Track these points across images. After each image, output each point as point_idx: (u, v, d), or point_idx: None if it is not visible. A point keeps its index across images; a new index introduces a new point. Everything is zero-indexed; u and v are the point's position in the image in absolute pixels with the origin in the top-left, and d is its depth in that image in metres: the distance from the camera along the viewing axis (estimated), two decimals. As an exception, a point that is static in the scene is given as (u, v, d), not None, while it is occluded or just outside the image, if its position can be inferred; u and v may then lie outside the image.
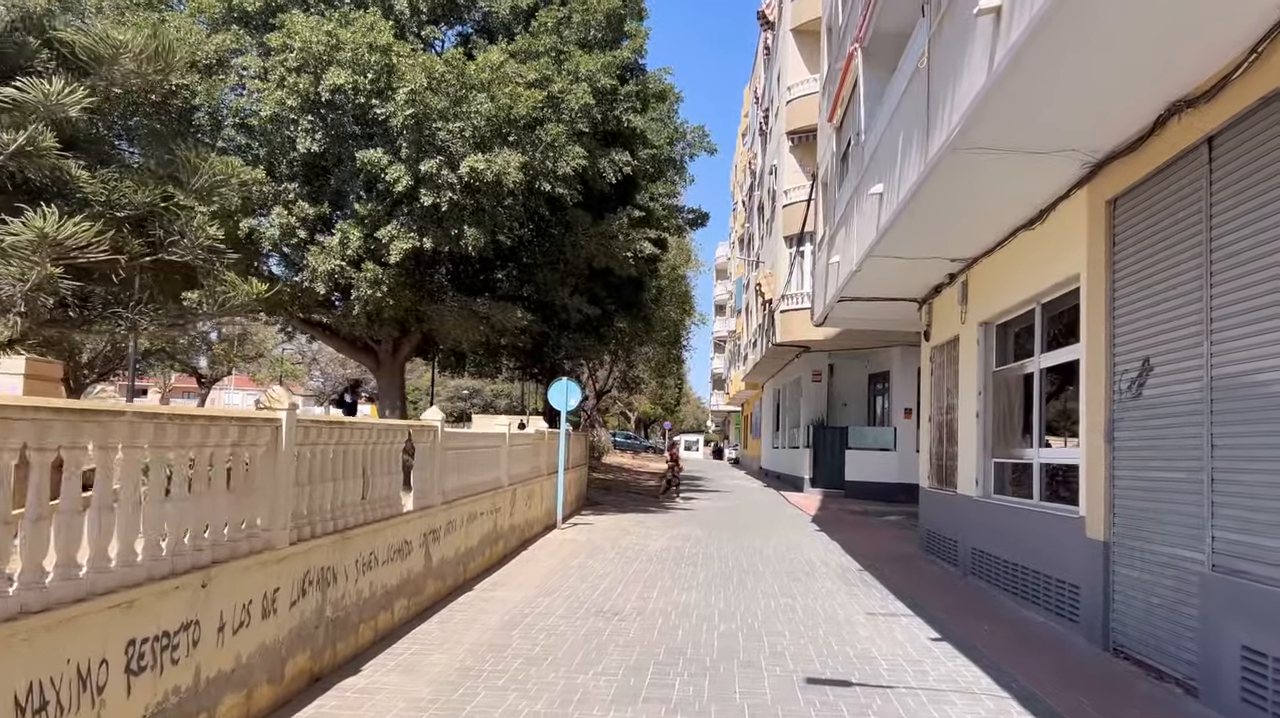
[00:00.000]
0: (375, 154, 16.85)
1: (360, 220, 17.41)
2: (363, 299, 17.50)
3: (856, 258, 13.95)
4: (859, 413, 34.30)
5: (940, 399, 16.02)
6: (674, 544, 16.33)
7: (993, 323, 13.49)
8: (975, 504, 13.40)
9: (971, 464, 13.71)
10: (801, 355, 33.74)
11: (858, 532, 20.06)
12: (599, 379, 48.38)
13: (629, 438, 74.91)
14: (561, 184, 18.25)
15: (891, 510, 26.36)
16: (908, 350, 29.37)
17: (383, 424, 8.41)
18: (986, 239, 12.57)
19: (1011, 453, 12.68)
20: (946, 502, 15.08)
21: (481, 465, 12.57)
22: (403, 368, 22.49)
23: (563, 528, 18.21)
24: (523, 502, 15.44)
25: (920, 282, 15.77)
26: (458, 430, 11.43)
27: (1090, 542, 9.19)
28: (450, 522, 10.70)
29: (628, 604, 10.43)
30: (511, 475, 14.59)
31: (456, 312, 18.68)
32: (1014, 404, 12.67)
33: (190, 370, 46.81)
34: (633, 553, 14.95)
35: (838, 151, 17.76)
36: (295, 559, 6.44)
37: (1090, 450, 9.32)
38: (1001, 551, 12.13)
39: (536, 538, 16.43)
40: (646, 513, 22.82)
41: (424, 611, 9.56)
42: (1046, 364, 11.33)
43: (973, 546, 13.49)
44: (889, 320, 20.24)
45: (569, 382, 18.75)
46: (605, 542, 16.35)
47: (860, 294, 17.20)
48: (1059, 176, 9.67)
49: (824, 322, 19.84)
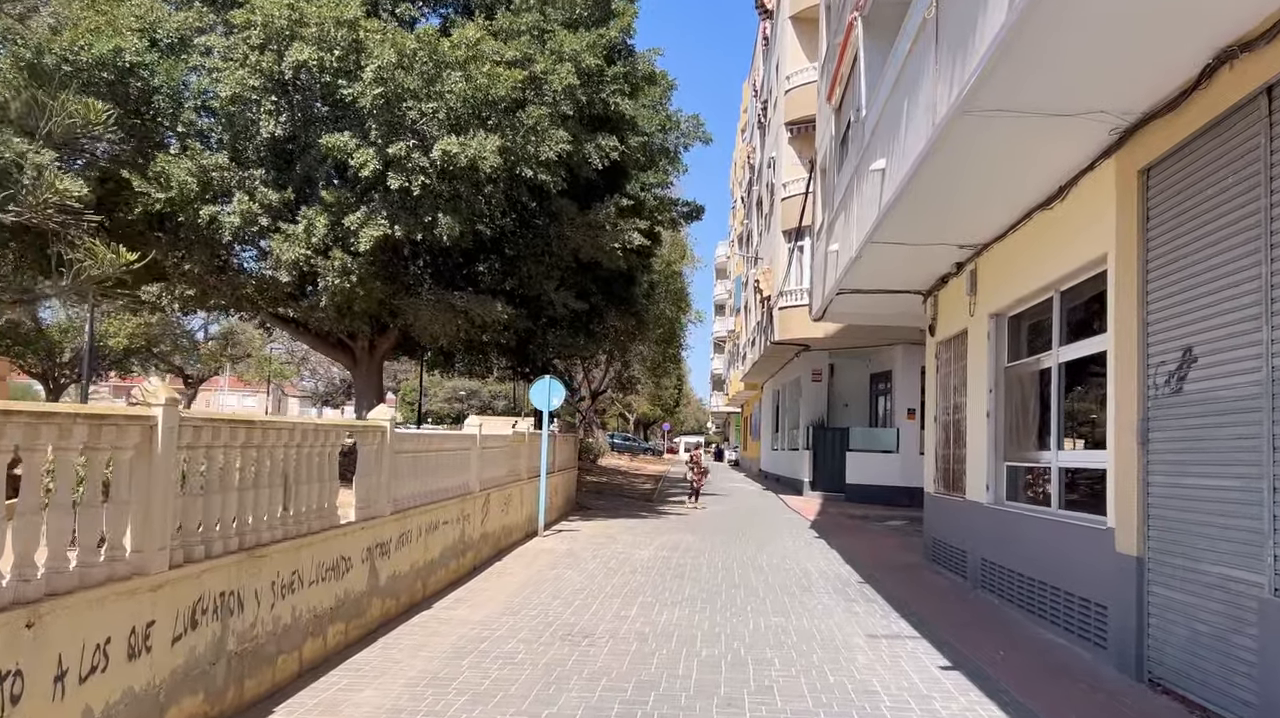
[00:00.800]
0: (342, 138, 15.78)
1: (327, 207, 16.34)
2: (330, 290, 16.43)
3: (857, 244, 12.88)
4: (860, 414, 33.22)
5: (947, 398, 14.94)
6: (662, 554, 15.25)
7: (1004, 314, 12.41)
8: (985, 512, 12.33)
9: (981, 468, 12.63)
10: (801, 354, 32.67)
11: (858, 539, 18.98)
12: (594, 380, 47.27)
13: (627, 439, 73.81)
14: (544, 170, 17.20)
15: (894, 515, 25.28)
16: (910, 349, 28.30)
17: (311, 424, 7.34)
18: (998, 222, 11.49)
19: (1026, 456, 11.60)
20: (954, 508, 14.00)
21: (446, 470, 11.49)
22: (381, 366, 21.42)
23: (544, 535, 17.13)
24: (498, 508, 14.36)
25: (925, 271, 14.69)
26: (414, 432, 10.35)
27: (1120, 557, 8.10)
28: (404, 533, 9.61)
29: (600, 625, 9.35)
30: (484, 480, 13.51)
31: (433, 305, 17.60)
32: (1029, 403, 11.58)
33: (176, 370, 45.70)
34: (616, 563, 13.87)
35: (837, 134, 16.69)
36: (180, 585, 5.36)
37: (1120, 454, 8.23)
38: (1015, 563, 11.05)
39: (514, 547, 15.36)
40: (637, 518, 21.74)
41: (367, 634, 8.48)
42: (1067, 358, 10.25)
43: (983, 556, 12.41)
44: (891, 315, 19.17)
45: (552, 380, 17.68)
46: (588, 551, 15.27)
47: (861, 286, 16.11)
48: (1083, 145, 8.59)
49: (823, 316, 18.76)
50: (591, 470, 40.18)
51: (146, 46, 16.55)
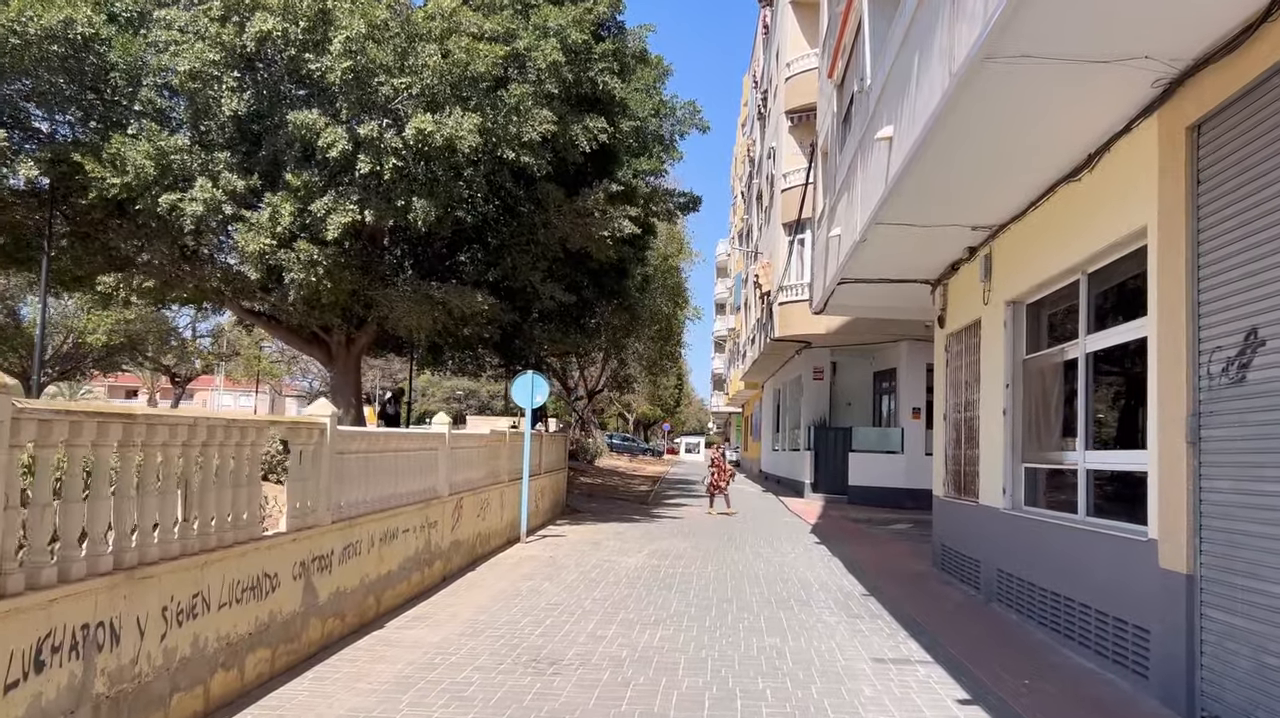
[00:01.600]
0: (309, 115, 14.70)
1: (293, 193, 15.26)
2: (297, 283, 15.35)
3: (861, 225, 11.79)
4: (863, 413, 32.18)
5: (957, 394, 13.85)
6: (650, 562, 14.17)
7: (1022, 302, 11.32)
8: (1001, 518, 11.24)
9: (997, 470, 11.54)
10: (802, 352, 31.59)
11: (862, 545, 17.89)
12: (590, 378, 46.19)
13: (626, 440, 72.70)
14: (527, 152, 16.12)
15: (899, 518, 24.21)
16: (916, 345, 27.25)
17: (221, 420, 6.26)
18: (1016, 199, 10.40)
19: (1047, 457, 10.51)
20: (966, 514, 12.91)
21: (407, 472, 10.41)
22: (359, 362, 20.35)
23: (526, 542, 16.04)
24: (472, 514, 13.28)
25: (934, 257, 13.61)
26: (363, 430, 9.26)
27: (1166, 574, 7.01)
28: (351, 544, 8.54)
29: (571, 649, 8.26)
30: (455, 484, 12.43)
31: (409, 297, 16.51)
32: (1051, 398, 10.49)
33: (164, 369, 44.64)
34: (600, 573, 12.79)
35: (839, 112, 15.62)
36: (16, 619, 4.28)
37: (1165, 454, 7.14)
38: (1037, 576, 9.96)
39: (493, 554, 14.28)
40: (629, 523, 20.65)
41: (302, 661, 7.40)
42: (1096, 348, 9.16)
43: (999, 567, 11.32)
44: (896, 308, 18.09)
45: (535, 375, 16.59)
46: (571, 559, 14.19)
47: (864, 275, 15.03)
48: (1119, 102, 7.51)
49: (824, 308, 17.67)
50: (587, 472, 39.11)
51: (103, 20, 15.49)
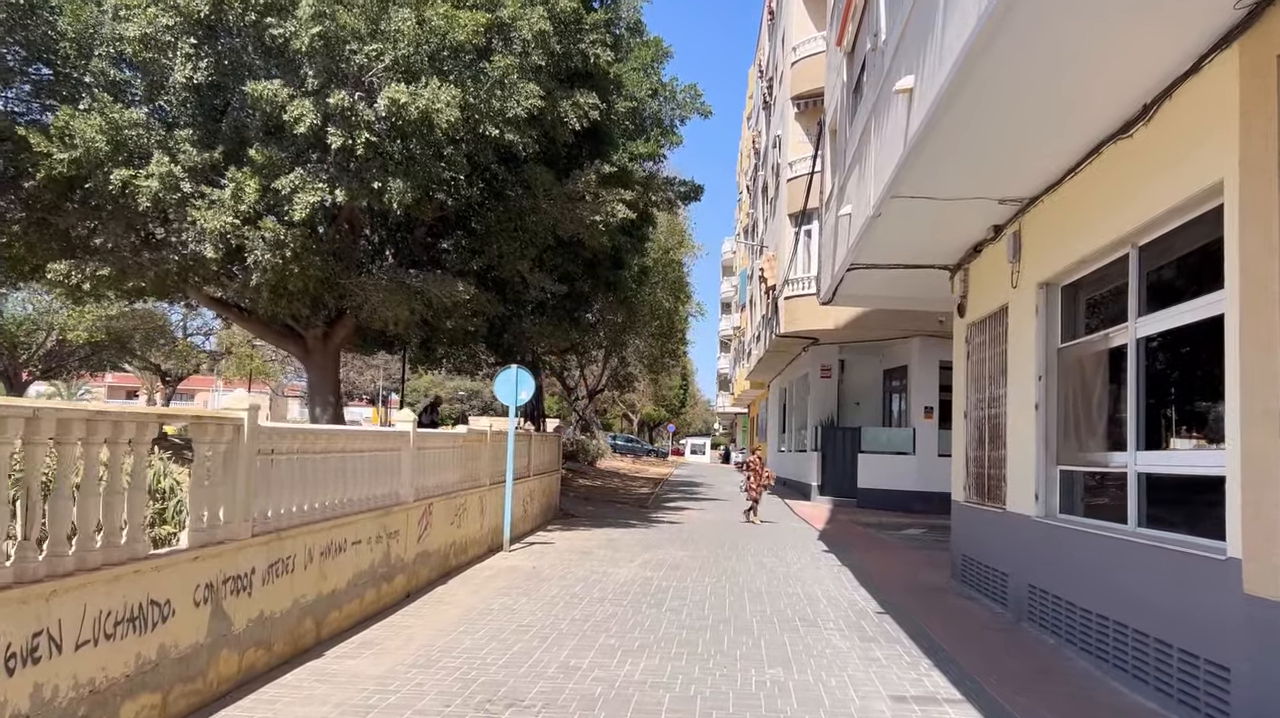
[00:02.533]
0: (271, 86, 13.47)
1: (258, 169, 14.04)
2: (261, 266, 14.11)
3: (875, 198, 10.53)
4: (873, 413, 30.87)
5: (980, 389, 12.58)
6: (643, 573, 12.91)
7: (1056, 283, 10.06)
8: (1034, 527, 9.97)
9: (1028, 473, 10.28)
10: (809, 349, 30.31)
11: (874, 552, 16.62)
12: (590, 377, 44.93)
13: (630, 441, 71.39)
14: (512, 129, 14.88)
15: (911, 523, 22.94)
16: (928, 341, 25.97)
17: (80, 412, 5.02)
18: (1052, 165, 9.14)
19: (1089, 458, 9.24)
20: (990, 522, 11.64)
21: (360, 476, 9.17)
22: (337, 357, 19.13)
23: (510, 551, 14.80)
24: (445, 521, 12.04)
25: (954, 237, 12.34)
26: (297, 427, 8.02)
27: (1254, 602, 5.74)
28: (280, 560, 7.30)
29: (536, 685, 7.00)
30: (423, 488, 11.20)
31: (384, 286, 15.27)
32: (1092, 391, 9.22)
33: (153, 367, 43.50)
34: (584, 587, 11.54)
35: (849, 81, 14.36)
36: None
37: (1251, 454, 5.87)
38: (1078, 594, 8.69)
39: (469, 565, 13.04)
40: (624, 528, 19.40)
41: (207, 704, 6.17)
42: (1150, 331, 7.89)
43: (1030, 582, 10.05)
44: (910, 298, 16.85)
45: (520, 370, 15.35)
46: (556, 570, 12.94)
47: (876, 260, 13.78)
48: (1190, 29, 6.24)
49: (832, 298, 16.40)
50: (586, 474, 37.88)
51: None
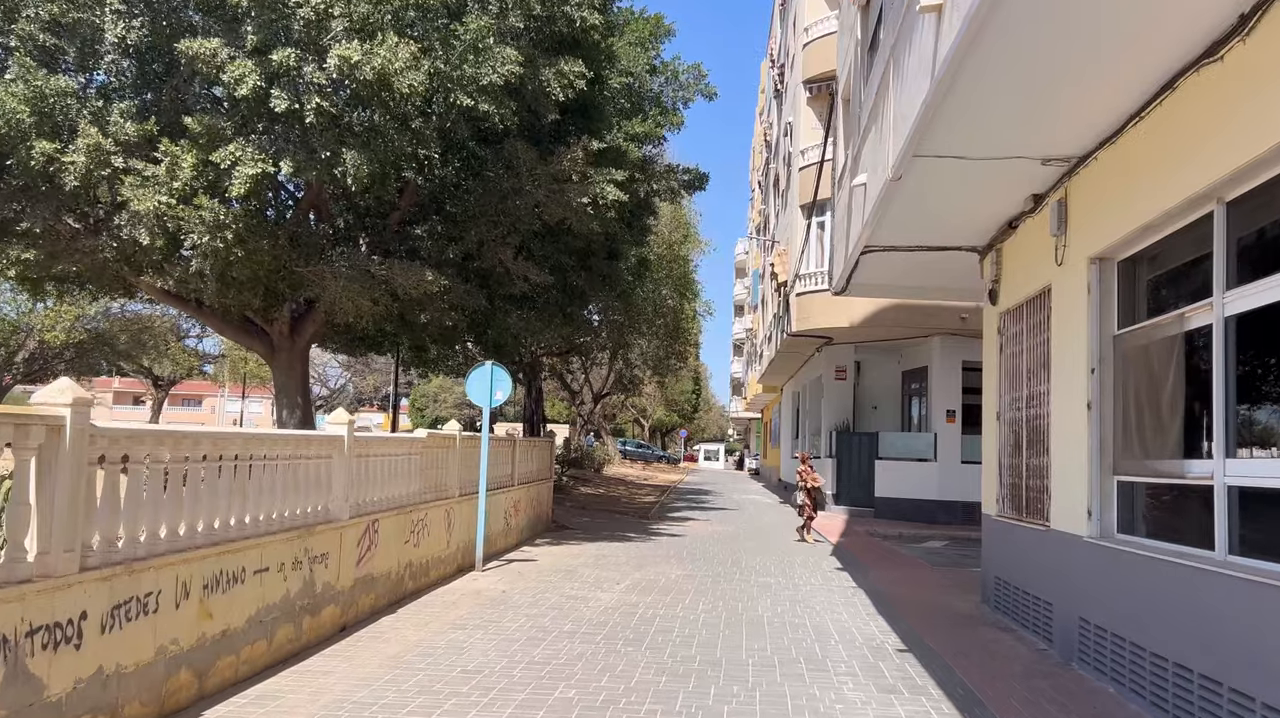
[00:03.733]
0: (208, 44, 11.92)
1: (196, 141, 12.50)
2: (201, 251, 12.56)
3: (895, 157, 8.87)
4: (891, 417, 29.17)
5: (1016, 387, 10.90)
6: (628, 599, 11.27)
7: (1112, 258, 8.40)
8: (1086, 550, 8.30)
9: (1077, 484, 8.61)
10: (823, 349, 28.63)
11: (892, 570, 14.93)
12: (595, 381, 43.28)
13: (641, 447, 69.76)
14: (488, 99, 13.31)
15: (931, 534, 21.27)
16: (950, 340, 24.29)
17: None
18: (1111, 109, 7.49)
19: (1156, 467, 7.56)
20: (1031, 541, 9.95)
21: (270, 490, 7.57)
22: (305, 355, 17.55)
23: (483, 571, 13.17)
24: (397, 540, 10.44)
25: (986, 211, 10.68)
26: (161, 429, 6.40)
27: None
28: (135, 600, 5.72)
29: (454, 765, 5.38)
30: (366, 503, 9.61)
31: (344, 274, 13.68)
32: (1161, 385, 7.53)
33: (144, 370, 42.13)
34: (556, 618, 9.91)
35: (864, 38, 12.71)
36: None
37: None
38: (1147, 636, 7.01)
39: (430, 589, 11.43)
40: (619, 542, 17.76)
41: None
42: (1245, 307, 6.21)
43: (1082, 615, 8.37)
44: (933, 287, 15.19)
45: (495, 368, 13.74)
46: (529, 594, 11.31)
47: (895, 241, 12.14)
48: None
49: (845, 287, 14.73)
50: (591, 481, 36.26)
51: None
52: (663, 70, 20.33)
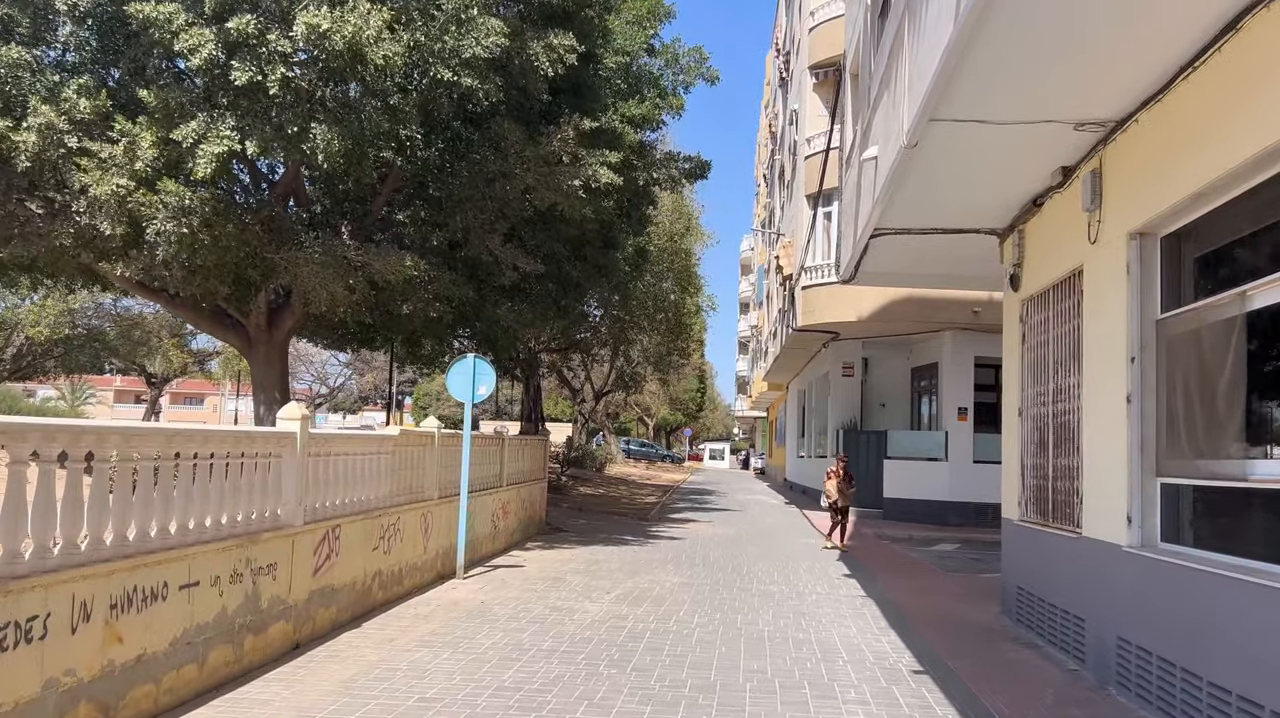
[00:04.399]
0: (165, 9, 11.02)
1: (155, 117, 11.62)
2: (165, 238, 11.67)
3: (909, 121, 7.95)
4: (900, 415, 28.24)
5: (1041, 380, 9.98)
6: (617, 610, 10.37)
7: (1154, 232, 7.48)
8: (1125, 561, 7.38)
9: (1114, 487, 7.68)
10: (829, 345, 27.69)
11: (903, 577, 14.02)
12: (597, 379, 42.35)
13: (645, 446, 68.84)
14: (471, 74, 12.42)
15: (942, 537, 20.34)
16: (961, 335, 23.34)
17: None
18: (1157, 63, 6.57)
19: (1210, 468, 6.64)
20: (1059, 549, 9.03)
21: (198, 494, 6.67)
22: (285, 349, 16.64)
23: (465, 578, 12.27)
24: (361, 547, 9.54)
25: (1008, 188, 9.76)
26: (57, 423, 5.48)
27: None
28: (14, 625, 4.80)
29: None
30: (323, 507, 8.71)
31: (317, 260, 12.79)
32: (1216, 373, 6.60)
33: (138, 368, 41.34)
34: (536, 633, 9.02)
35: (874, 3, 11.80)
36: None
37: None
38: (1203, 663, 6.10)
39: (404, 599, 10.54)
40: (615, 545, 16.86)
41: None
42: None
43: (1121, 634, 7.45)
44: (948, 276, 14.36)
45: (477, 360, 12.85)
46: (509, 606, 10.41)
47: (908, 223, 11.23)
48: None
49: (854, 275, 13.80)
50: (591, 481, 35.36)
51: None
52: (662, 52, 19.43)
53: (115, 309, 36.24)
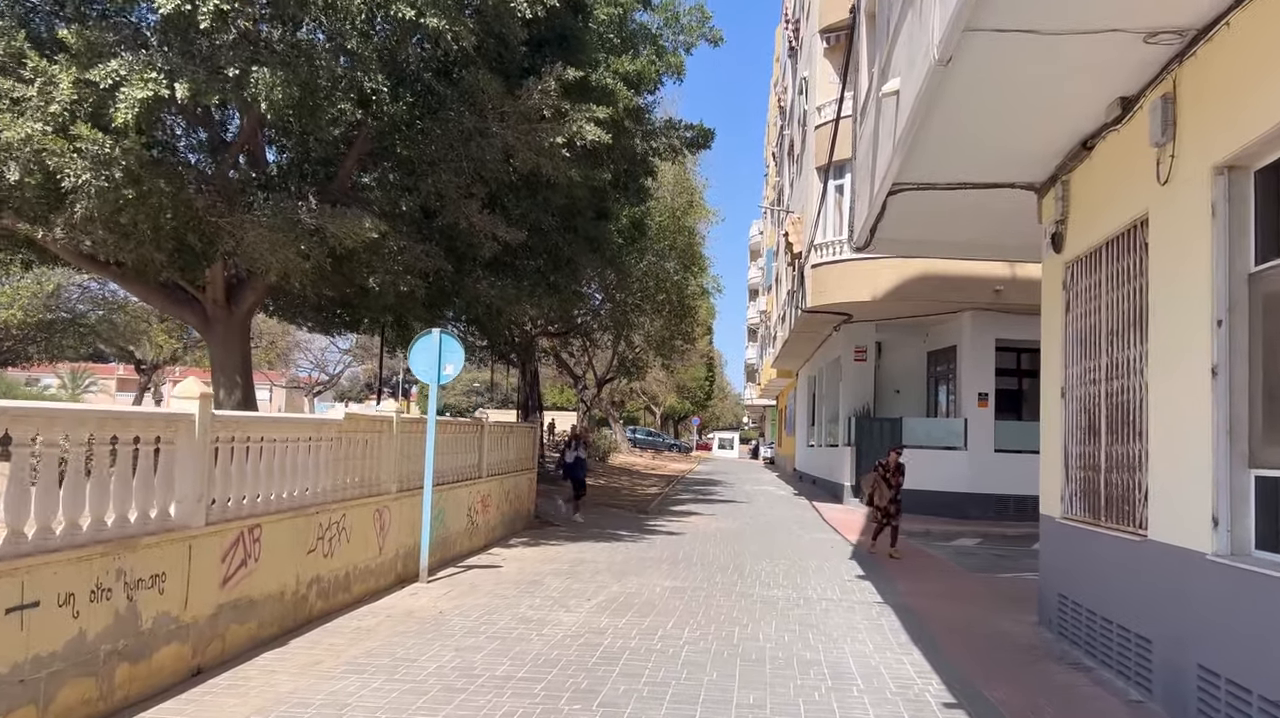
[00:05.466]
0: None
1: (74, 57, 10.20)
2: (84, 192, 10.25)
3: (940, 30, 6.46)
4: (915, 401, 26.80)
5: (1091, 354, 8.51)
6: (595, 622, 8.96)
7: (1248, 165, 6.03)
8: (1209, 572, 5.95)
9: (1194, 480, 6.23)
10: (841, 329, 26.21)
11: (922, 578, 12.62)
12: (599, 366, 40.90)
13: (651, 435, 67.42)
14: (436, 11, 10.97)
15: (962, 531, 18.92)
16: (982, 316, 21.89)
17: None
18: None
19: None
20: (1116, 555, 7.57)
21: (44, 492, 5.26)
22: (246, 327, 15.25)
23: (429, 582, 10.87)
24: (292, 550, 8.14)
25: (1051, 126, 8.29)
26: None
27: None
28: None
29: None
30: (236, 506, 7.31)
31: (264, 222, 11.37)
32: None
33: (126, 354, 40.08)
34: (494, 652, 7.61)
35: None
36: None
37: None
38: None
39: (350, 608, 9.15)
40: (607, 541, 15.47)
41: None
42: None
43: (1203, 663, 6.03)
44: (972, 244, 12.94)
45: (444, 336, 11.44)
46: (471, 617, 9.01)
47: (931, 177, 9.78)
48: None
49: (869, 241, 12.32)
50: (593, 471, 33.83)
51: None
52: (660, 9, 17.98)
53: (105, 293, 34.89)
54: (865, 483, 15.29)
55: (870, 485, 15.23)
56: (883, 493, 14.94)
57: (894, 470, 15.04)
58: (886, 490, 14.92)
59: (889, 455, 15.41)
